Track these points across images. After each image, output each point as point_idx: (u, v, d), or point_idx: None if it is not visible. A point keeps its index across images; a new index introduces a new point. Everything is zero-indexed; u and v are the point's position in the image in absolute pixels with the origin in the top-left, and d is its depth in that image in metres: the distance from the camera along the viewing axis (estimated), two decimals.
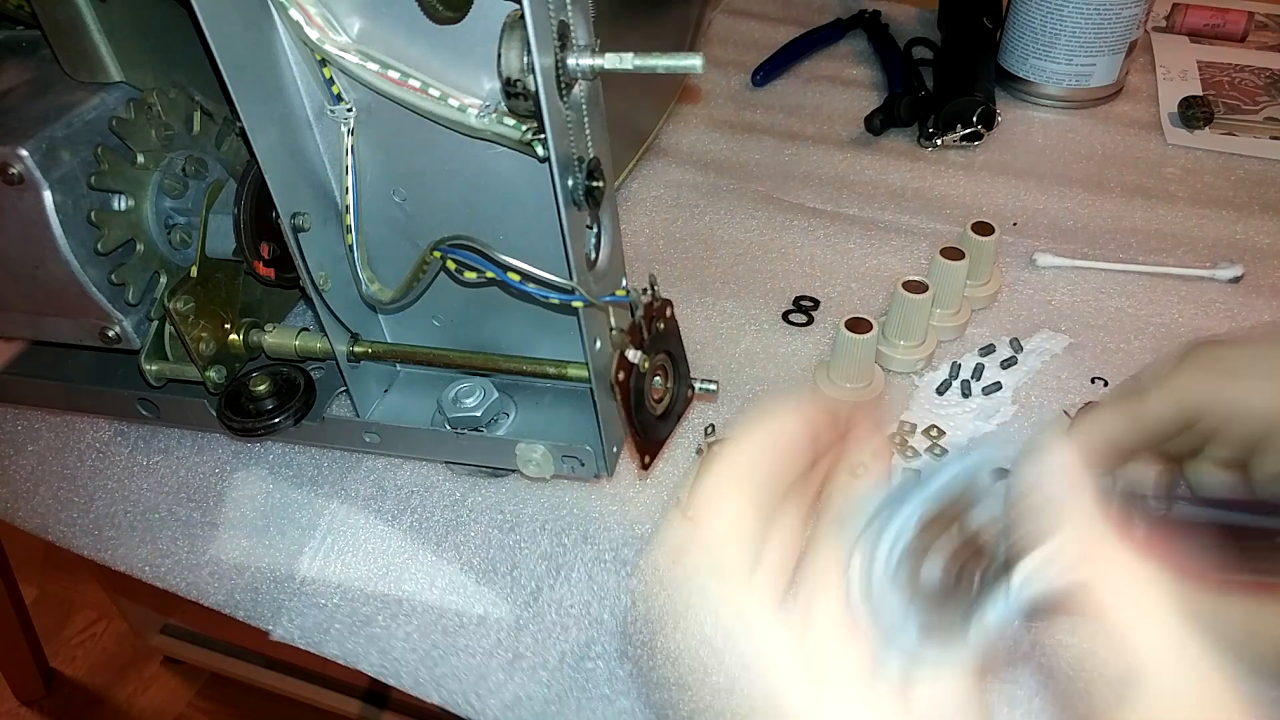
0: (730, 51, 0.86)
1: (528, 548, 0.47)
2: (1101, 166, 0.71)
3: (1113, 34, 0.72)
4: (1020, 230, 0.65)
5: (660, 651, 0.26)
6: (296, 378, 0.50)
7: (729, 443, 0.25)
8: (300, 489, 0.51)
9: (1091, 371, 0.54)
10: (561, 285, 0.38)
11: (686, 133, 0.76)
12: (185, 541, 0.50)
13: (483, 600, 0.46)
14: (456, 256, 0.39)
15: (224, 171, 0.49)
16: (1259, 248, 0.62)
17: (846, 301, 0.60)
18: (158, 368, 0.48)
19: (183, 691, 1.26)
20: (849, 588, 0.22)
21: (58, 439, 0.56)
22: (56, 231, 0.42)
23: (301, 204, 0.42)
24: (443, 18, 0.35)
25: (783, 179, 0.71)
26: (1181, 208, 0.66)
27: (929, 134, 0.72)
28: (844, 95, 0.80)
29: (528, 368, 0.46)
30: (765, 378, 0.55)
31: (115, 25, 0.43)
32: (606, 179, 0.37)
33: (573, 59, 0.33)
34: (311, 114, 0.41)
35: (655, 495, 0.48)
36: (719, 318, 0.59)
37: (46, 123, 0.42)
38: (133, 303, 0.46)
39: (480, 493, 0.50)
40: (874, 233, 0.65)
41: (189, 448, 0.54)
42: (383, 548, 0.48)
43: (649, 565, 0.26)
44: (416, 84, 0.36)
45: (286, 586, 0.48)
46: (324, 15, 0.37)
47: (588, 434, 0.45)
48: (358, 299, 0.46)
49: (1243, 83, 0.79)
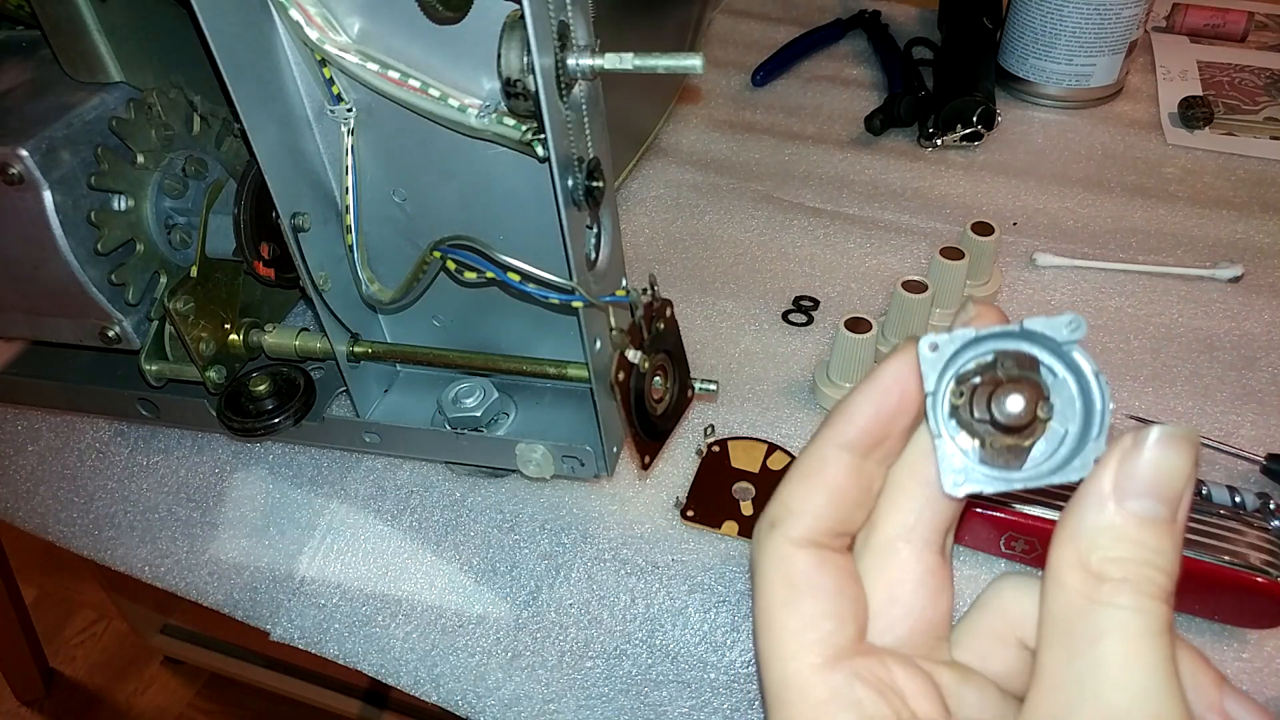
0: (730, 51, 0.86)
1: (527, 547, 0.47)
2: (1101, 166, 0.71)
3: (1113, 34, 0.72)
4: (1020, 230, 0.65)
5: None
6: (296, 378, 0.50)
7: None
8: (300, 489, 0.51)
9: None
10: (561, 285, 0.38)
11: (686, 133, 0.76)
12: (185, 541, 0.50)
13: (482, 600, 0.46)
14: (456, 256, 0.39)
15: (224, 171, 0.49)
16: (1259, 247, 0.62)
17: (846, 301, 0.60)
18: (158, 368, 0.48)
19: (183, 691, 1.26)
20: (936, 406, 0.22)
21: (58, 439, 0.56)
22: (56, 231, 0.42)
23: (301, 204, 0.42)
24: (443, 18, 0.35)
25: (783, 179, 0.71)
26: (1181, 207, 0.66)
27: (929, 134, 0.72)
28: (844, 95, 0.80)
29: (528, 368, 0.46)
30: (765, 377, 0.55)
31: (115, 25, 0.43)
32: (606, 179, 0.37)
33: (573, 59, 0.33)
34: (311, 114, 0.41)
35: (655, 495, 0.48)
36: (719, 318, 0.59)
37: (46, 123, 0.42)
38: (133, 303, 0.46)
39: (480, 493, 0.50)
40: (874, 232, 0.65)
41: (189, 448, 0.54)
42: (382, 547, 0.48)
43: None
44: (416, 84, 0.36)
45: (286, 586, 0.48)
46: (324, 15, 0.37)
47: (588, 434, 0.45)
48: (358, 299, 0.46)
49: (1243, 83, 0.79)
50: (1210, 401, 0.52)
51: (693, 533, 0.47)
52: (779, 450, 0.50)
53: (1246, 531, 0.40)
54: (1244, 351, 0.55)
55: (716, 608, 0.44)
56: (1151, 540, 0.20)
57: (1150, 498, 0.20)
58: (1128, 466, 0.20)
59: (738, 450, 0.50)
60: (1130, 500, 0.20)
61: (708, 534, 0.46)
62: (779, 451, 0.50)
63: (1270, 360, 0.54)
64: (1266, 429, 0.50)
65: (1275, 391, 0.52)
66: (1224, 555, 0.39)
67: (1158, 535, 0.20)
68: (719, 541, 0.46)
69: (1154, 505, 0.20)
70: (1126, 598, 0.19)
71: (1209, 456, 0.48)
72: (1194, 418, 0.50)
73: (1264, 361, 0.54)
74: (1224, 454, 0.48)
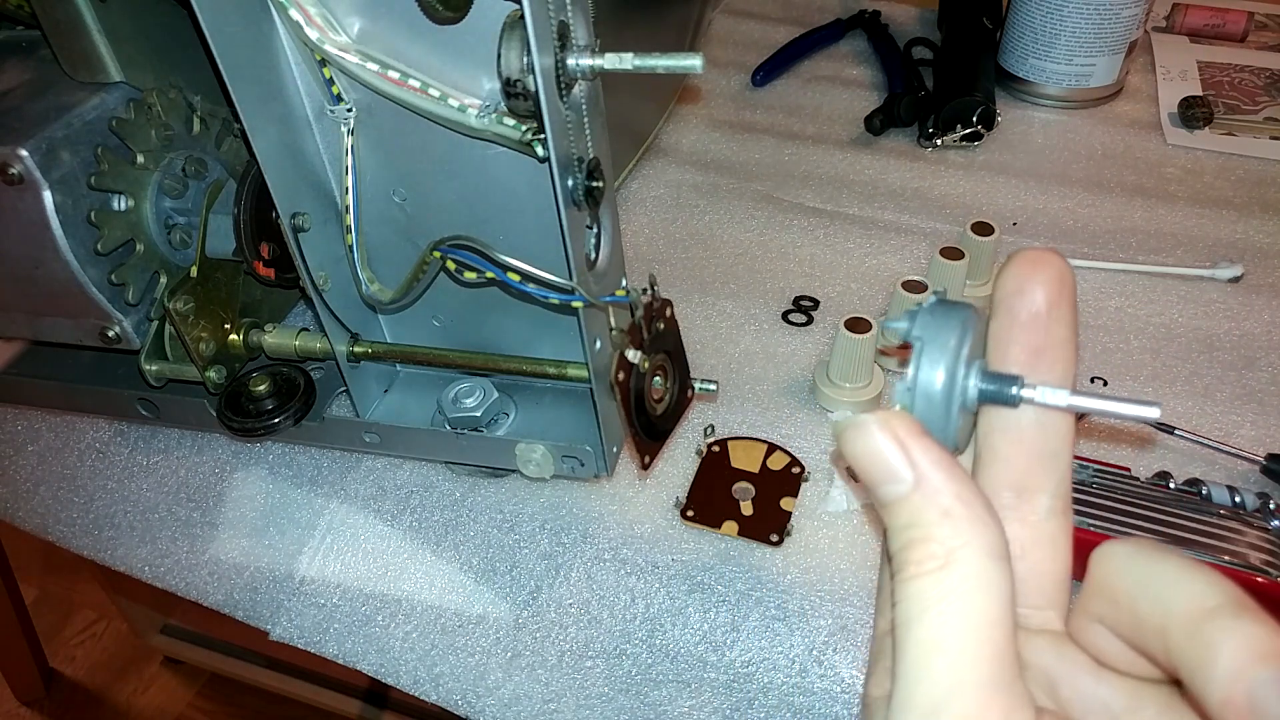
0: (730, 51, 0.86)
1: (527, 547, 0.47)
2: (1101, 166, 0.71)
3: (1113, 34, 0.72)
4: (1020, 230, 0.65)
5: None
6: (296, 378, 0.50)
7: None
8: (300, 489, 0.51)
9: (1091, 371, 0.54)
10: (561, 285, 0.38)
11: (686, 133, 0.76)
12: (185, 541, 0.50)
13: (482, 600, 0.46)
14: (456, 256, 0.39)
15: (224, 171, 0.49)
16: (1259, 247, 0.62)
17: (846, 301, 0.60)
18: (158, 368, 0.48)
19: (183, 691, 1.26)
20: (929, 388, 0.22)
21: (58, 439, 0.56)
22: (56, 231, 0.42)
23: (301, 204, 0.42)
24: (443, 18, 0.35)
25: (783, 179, 0.71)
26: (1181, 207, 0.66)
27: (929, 134, 0.72)
28: (844, 95, 0.80)
29: (528, 368, 0.46)
30: (765, 377, 0.55)
31: (115, 25, 0.43)
32: (606, 179, 0.37)
33: (573, 59, 0.33)
34: (311, 114, 0.41)
35: (655, 495, 0.48)
36: (719, 318, 0.59)
37: (46, 123, 0.42)
38: (133, 303, 0.46)
39: (480, 493, 0.50)
40: (874, 233, 0.65)
41: (189, 448, 0.54)
42: (382, 547, 0.48)
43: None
44: (416, 84, 0.36)
45: (286, 586, 0.48)
46: (324, 15, 0.37)
47: (588, 434, 0.45)
48: (358, 299, 0.46)
49: (1243, 83, 0.79)
50: (1210, 401, 0.52)
51: (693, 533, 0.47)
52: (779, 450, 0.50)
53: (1246, 531, 0.40)
54: (1244, 351, 0.55)
55: (716, 608, 0.44)
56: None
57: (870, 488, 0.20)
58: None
59: (738, 450, 0.50)
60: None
61: (708, 534, 0.46)
62: (779, 451, 0.50)
63: (1270, 360, 0.54)
64: (1266, 429, 0.50)
65: (1275, 391, 0.52)
66: (1224, 555, 0.39)
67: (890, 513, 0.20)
68: (719, 541, 0.46)
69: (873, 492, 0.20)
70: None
71: (1209, 456, 0.48)
72: (1194, 418, 0.50)
73: (1264, 361, 0.54)
74: (1224, 454, 0.48)
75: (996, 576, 0.19)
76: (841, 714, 0.41)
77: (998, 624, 0.19)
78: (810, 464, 0.49)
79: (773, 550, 0.45)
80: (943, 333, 0.22)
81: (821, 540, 0.46)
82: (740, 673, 0.42)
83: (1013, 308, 0.23)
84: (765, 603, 0.44)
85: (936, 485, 0.20)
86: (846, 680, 0.41)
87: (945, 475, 0.20)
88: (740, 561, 0.45)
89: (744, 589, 0.44)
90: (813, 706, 0.41)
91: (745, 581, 0.44)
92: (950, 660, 0.18)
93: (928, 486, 0.20)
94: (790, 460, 0.49)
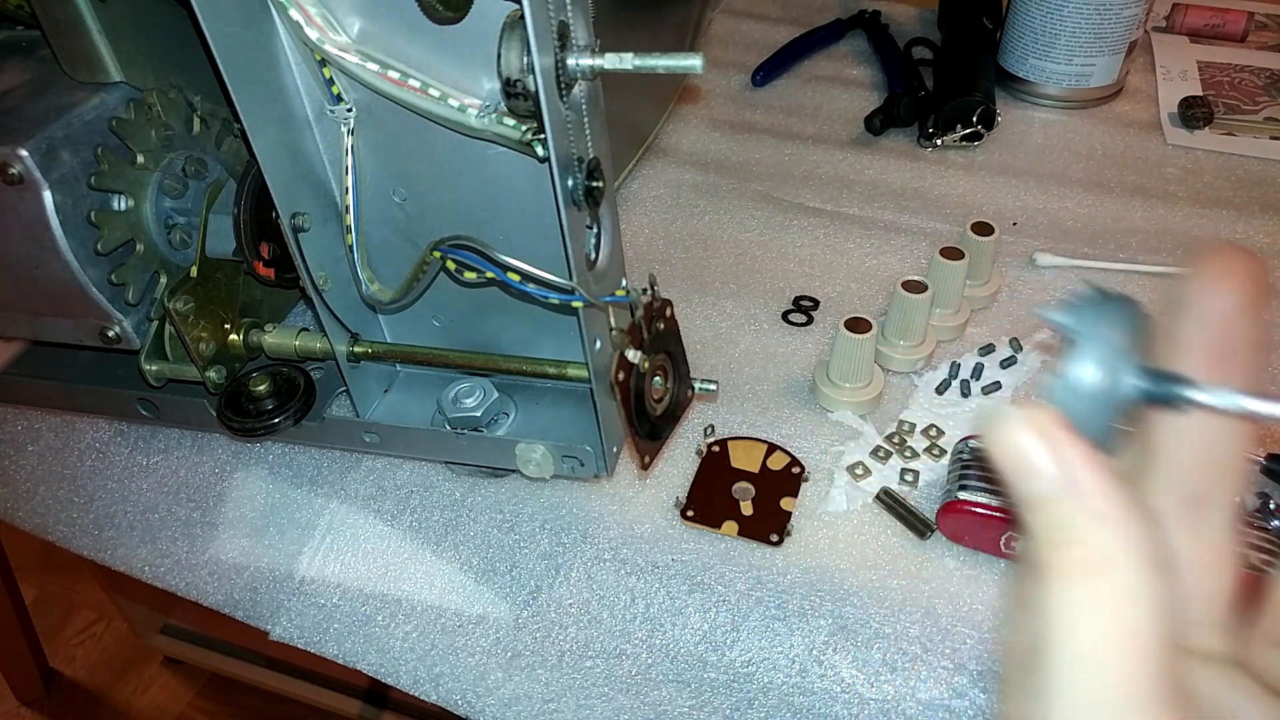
0: (730, 51, 0.86)
1: (527, 547, 0.47)
2: (1101, 166, 0.71)
3: (1113, 34, 0.72)
4: (1020, 230, 0.65)
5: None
6: (296, 378, 0.50)
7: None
8: (300, 489, 0.51)
9: None
10: (561, 285, 0.38)
11: (686, 133, 0.76)
12: (185, 541, 0.50)
13: (482, 599, 0.46)
14: (456, 256, 0.39)
15: (224, 171, 0.49)
16: (1259, 248, 0.62)
17: (846, 301, 0.60)
18: (158, 368, 0.48)
19: (183, 691, 1.26)
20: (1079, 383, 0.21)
21: (58, 439, 0.56)
22: (56, 231, 0.42)
23: (301, 204, 0.42)
24: (443, 18, 0.35)
25: (783, 179, 0.71)
26: (1181, 208, 0.66)
27: (929, 134, 0.72)
28: (844, 95, 0.80)
29: (528, 368, 0.46)
30: (765, 377, 0.55)
31: (115, 25, 0.43)
32: (606, 179, 0.37)
33: (573, 59, 0.33)
34: (311, 114, 0.41)
35: (655, 495, 0.48)
36: (719, 318, 0.59)
37: (46, 123, 0.42)
38: (133, 303, 0.46)
39: (480, 493, 0.50)
40: (874, 233, 0.65)
41: (189, 448, 0.54)
42: (382, 547, 0.48)
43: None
44: (416, 84, 0.36)
45: (286, 586, 0.48)
46: (324, 15, 0.37)
47: (588, 434, 0.45)
48: (358, 299, 0.46)
49: (1243, 83, 0.79)
50: None
51: (693, 533, 0.47)
52: (779, 450, 0.50)
53: (1246, 531, 0.40)
54: None
55: (716, 608, 0.44)
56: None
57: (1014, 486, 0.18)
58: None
59: (738, 450, 0.50)
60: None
61: (708, 534, 0.46)
62: (779, 451, 0.50)
63: (1270, 360, 0.54)
64: (1266, 429, 0.50)
65: (1275, 392, 0.52)
66: None
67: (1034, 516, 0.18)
68: (719, 541, 0.46)
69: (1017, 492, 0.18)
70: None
71: None
72: None
73: (1264, 361, 0.54)
74: None
75: (1157, 587, 0.17)
76: (841, 714, 0.41)
77: (1158, 640, 0.17)
78: (810, 464, 0.49)
79: (773, 550, 0.45)
80: (1102, 326, 0.21)
81: (821, 540, 0.46)
82: (740, 673, 0.42)
83: (1201, 305, 0.21)
84: (765, 603, 0.44)
85: (1089, 486, 0.18)
86: (846, 680, 0.41)
87: (1099, 476, 0.18)
88: (740, 561, 0.45)
89: (744, 589, 0.44)
90: (813, 706, 0.41)
91: (745, 581, 0.44)
92: (1102, 677, 0.17)
93: (1079, 487, 0.18)
94: (790, 460, 0.49)
